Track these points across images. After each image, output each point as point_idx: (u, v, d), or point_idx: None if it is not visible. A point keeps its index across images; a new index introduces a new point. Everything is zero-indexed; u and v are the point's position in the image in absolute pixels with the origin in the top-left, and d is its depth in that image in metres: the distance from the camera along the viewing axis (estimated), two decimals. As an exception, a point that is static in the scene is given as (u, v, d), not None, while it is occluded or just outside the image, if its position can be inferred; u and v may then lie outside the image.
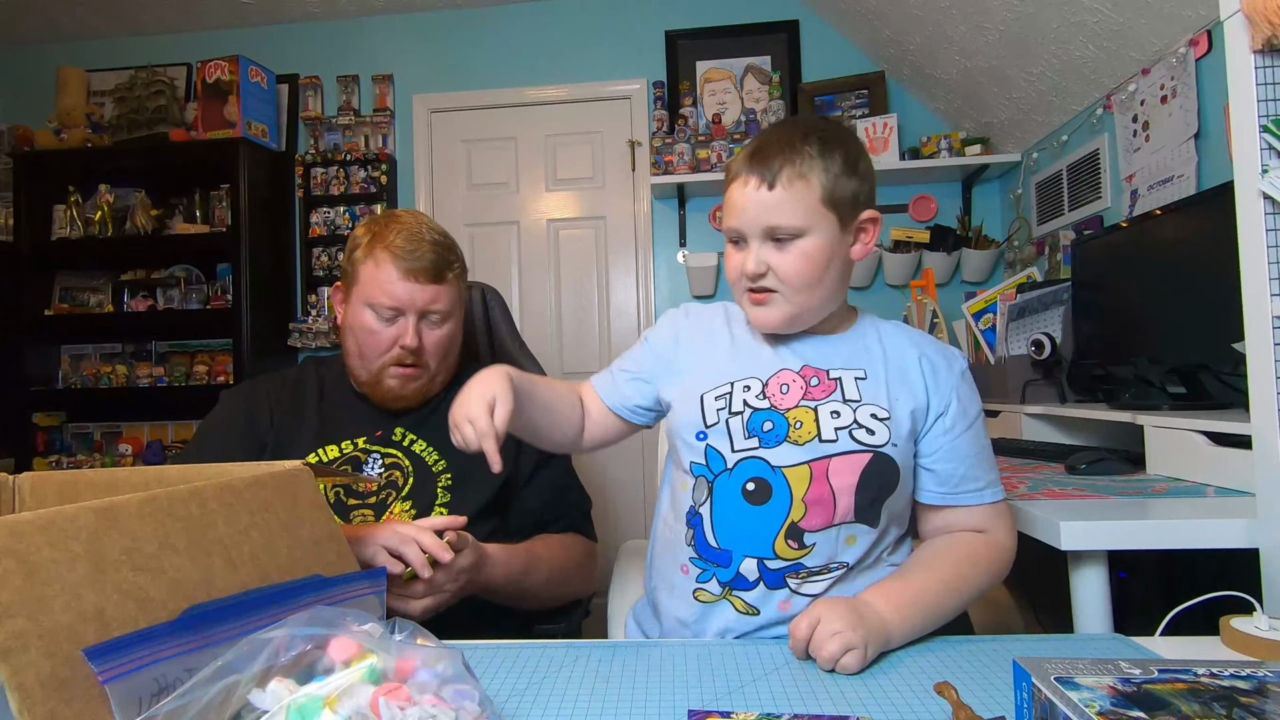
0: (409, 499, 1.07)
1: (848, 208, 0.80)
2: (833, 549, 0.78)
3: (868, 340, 0.85)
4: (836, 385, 0.81)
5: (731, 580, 0.79)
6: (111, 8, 2.86)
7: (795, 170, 0.78)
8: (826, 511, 0.77)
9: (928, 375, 0.82)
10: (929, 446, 0.82)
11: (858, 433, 0.78)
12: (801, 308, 0.82)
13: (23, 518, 0.46)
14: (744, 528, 0.78)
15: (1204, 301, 1.23)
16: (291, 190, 2.92)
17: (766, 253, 0.80)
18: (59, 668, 0.43)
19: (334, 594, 0.61)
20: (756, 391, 0.82)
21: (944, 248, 2.59)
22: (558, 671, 0.70)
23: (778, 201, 0.78)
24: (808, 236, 0.79)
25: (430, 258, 1.08)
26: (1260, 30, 0.74)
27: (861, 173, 0.81)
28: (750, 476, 0.79)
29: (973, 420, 0.83)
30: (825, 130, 0.81)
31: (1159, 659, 0.53)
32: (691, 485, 0.83)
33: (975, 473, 0.82)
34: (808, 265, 0.79)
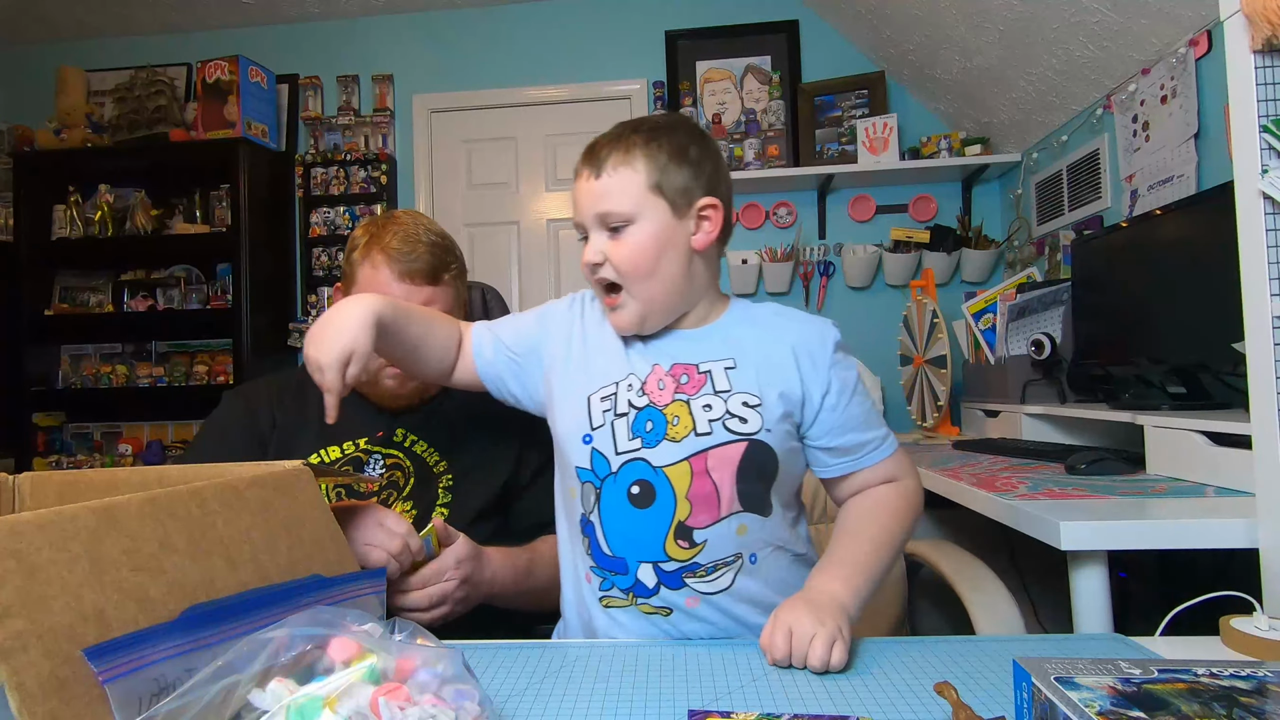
0: (410, 499, 1.07)
1: (679, 195, 0.80)
2: (725, 542, 0.78)
3: (737, 329, 0.85)
4: (707, 378, 0.81)
5: (632, 587, 0.79)
6: (111, 8, 2.86)
7: (621, 158, 0.79)
8: (711, 506, 0.77)
9: (802, 362, 0.82)
10: (820, 429, 0.82)
11: (730, 422, 0.77)
12: (648, 302, 0.81)
13: (23, 518, 0.46)
14: (633, 533, 0.78)
15: (1204, 301, 1.23)
16: (291, 190, 2.92)
17: (603, 242, 0.81)
18: (59, 668, 0.43)
19: (334, 594, 0.61)
20: (637, 389, 0.81)
21: (944, 248, 2.59)
22: (558, 671, 0.70)
23: (604, 189, 0.79)
24: (638, 223, 0.79)
25: (426, 260, 1.07)
26: (1260, 30, 0.74)
27: (693, 160, 0.81)
28: (634, 479, 0.78)
29: (854, 388, 0.83)
30: (658, 122, 0.83)
31: (1159, 659, 0.53)
32: (580, 492, 0.82)
33: (868, 435, 0.83)
34: (640, 253, 0.79)
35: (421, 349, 0.88)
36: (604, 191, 0.79)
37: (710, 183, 0.82)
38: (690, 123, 0.86)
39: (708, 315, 0.86)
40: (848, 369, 0.83)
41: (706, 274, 0.85)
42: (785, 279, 2.70)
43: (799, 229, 2.76)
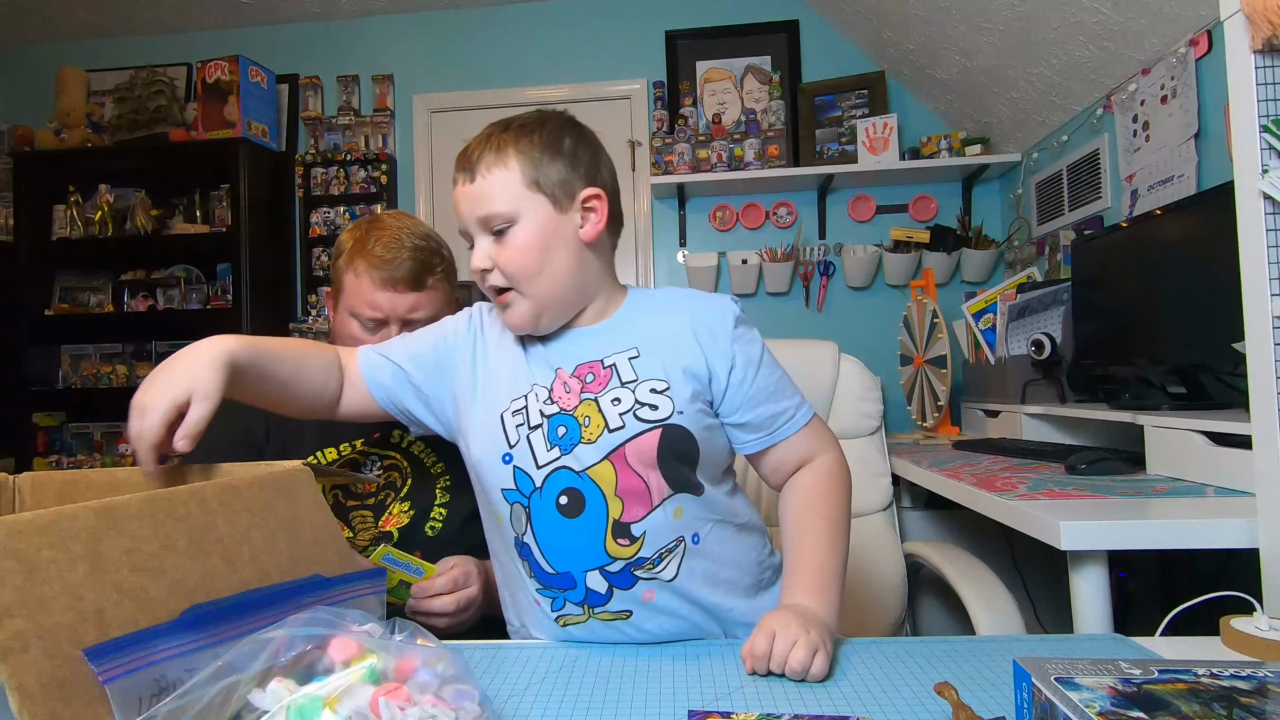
0: (407, 500, 1.07)
1: (559, 188, 0.79)
2: (664, 529, 0.76)
3: (637, 317, 0.84)
4: (612, 371, 0.79)
5: (585, 599, 0.76)
6: (111, 8, 2.86)
7: (494, 158, 0.78)
8: (642, 497, 0.76)
9: (703, 339, 0.80)
10: (730, 406, 0.81)
11: (641, 412, 0.76)
12: (541, 300, 0.79)
13: (23, 518, 0.46)
14: (571, 544, 0.76)
15: (1204, 301, 1.23)
16: (291, 190, 2.92)
17: (489, 247, 0.79)
18: (59, 668, 0.43)
19: (334, 594, 0.61)
20: (544, 398, 0.79)
21: (944, 248, 2.59)
22: (558, 671, 0.70)
23: (480, 192, 0.78)
24: (520, 223, 0.78)
25: (409, 266, 1.06)
26: (1260, 30, 0.74)
27: (568, 152, 0.79)
28: (560, 490, 0.76)
29: (759, 361, 0.82)
30: (528, 119, 0.81)
31: (1159, 659, 0.53)
32: (508, 514, 0.79)
33: (780, 406, 0.82)
34: (526, 252, 0.77)
35: (294, 386, 0.82)
36: (480, 194, 0.78)
37: (590, 173, 0.81)
38: (562, 115, 0.84)
39: (606, 309, 0.84)
40: (751, 342, 0.82)
41: (600, 266, 0.83)
42: (785, 279, 2.70)
43: (799, 229, 2.76)
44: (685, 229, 2.82)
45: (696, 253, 2.78)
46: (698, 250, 2.79)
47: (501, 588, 0.87)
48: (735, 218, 2.80)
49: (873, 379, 1.47)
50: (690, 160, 2.64)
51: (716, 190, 2.76)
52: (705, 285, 2.75)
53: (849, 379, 1.44)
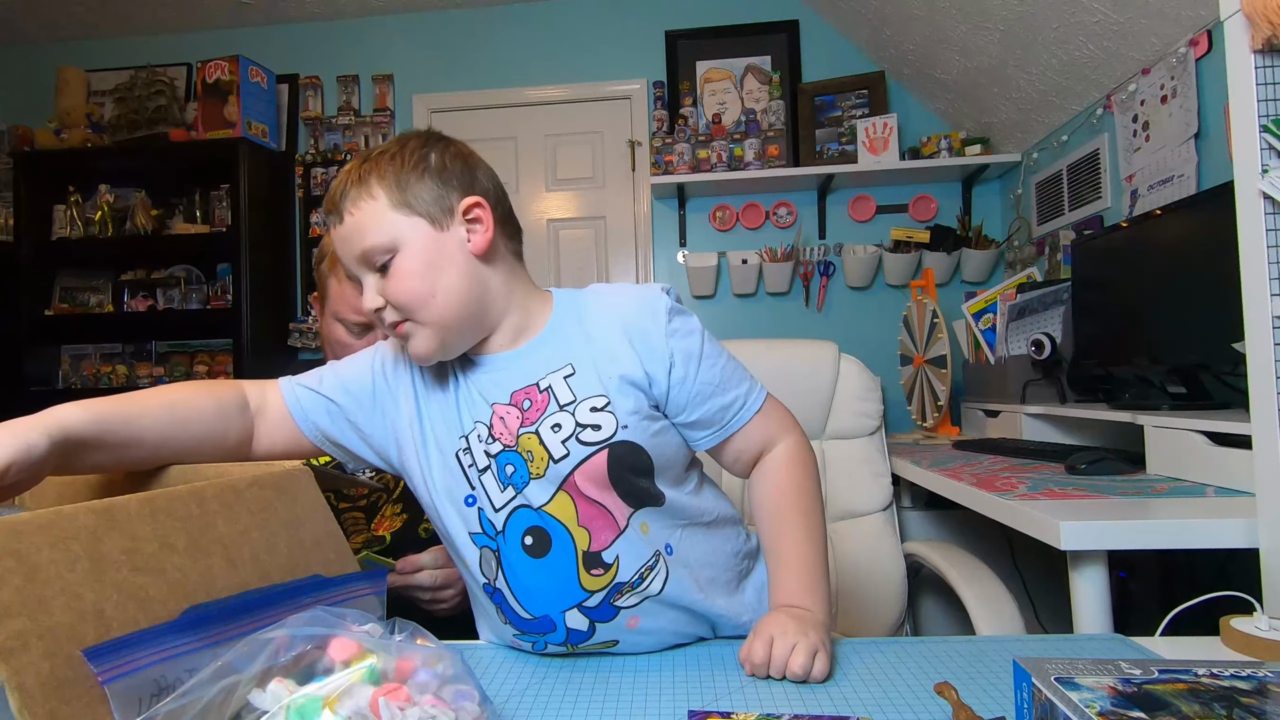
0: (400, 501, 1.07)
1: (433, 206, 0.73)
2: (637, 549, 0.73)
3: (566, 330, 0.78)
4: (549, 395, 0.74)
5: (566, 639, 0.74)
6: (111, 8, 2.86)
7: (357, 192, 0.73)
8: (606, 522, 0.72)
9: (637, 343, 0.75)
10: (676, 406, 0.77)
11: (584, 434, 0.72)
12: (441, 327, 0.73)
13: (22, 518, 0.46)
14: (545, 584, 0.72)
15: (1204, 301, 1.23)
16: (291, 190, 2.93)
17: (376, 284, 0.73)
18: (59, 667, 0.43)
19: (334, 594, 0.61)
20: (485, 436, 0.74)
21: (944, 248, 2.59)
22: (558, 672, 0.70)
23: (351, 229, 0.73)
24: (401, 251, 0.72)
25: None
26: (1260, 30, 0.74)
27: (435, 168, 0.75)
28: (523, 530, 0.72)
29: (699, 354, 0.77)
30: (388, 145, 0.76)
31: (1159, 659, 0.53)
32: (477, 559, 0.75)
33: (729, 397, 0.78)
34: (413, 280, 0.72)
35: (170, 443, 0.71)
36: (352, 231, 0.72)
37: (464, 183, 0.76)
38: (423, 133, 0.79)
39: (528, 325, 0.78)
40: (688, 335, 0.77)
41: (503, 278, 0.77)
42: (785, 279, 2.70)
43: (799, 229, 2.76)
44: (685, 229, 2.82)
45: (696, 253, 2.78)
46: (698, 250, 2.79)
47: (479, 624, 0.84)
48: (735, 218, 2.80)
49: (873, 379, 1.47)
50: (690, 160, 2.64)
51: (716, 190, 2.76)
52: (705, 285, 2.75)
53: (849, 379, 1.44)
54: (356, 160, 0.76)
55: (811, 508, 0.80)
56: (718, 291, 2.79)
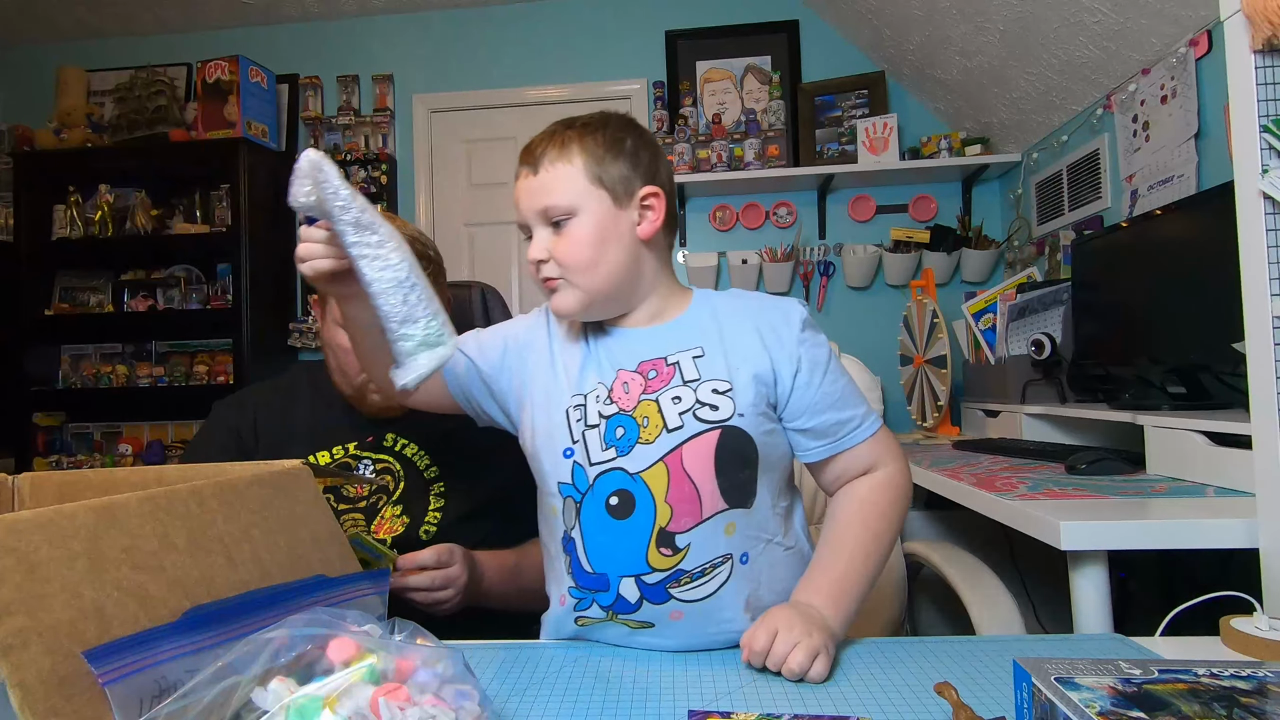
0: (400, 503, 1.07)
1: (619, 185, 0.79)
2: (711, 545, 0.75)
3: (701, 318, 0.83)
4: (675, 370, 0.78)
5: (613, 604, 0.76)
6: (111, 8, 2.86)
7: (558, 153, 0.79)
8: (693, 507, 0.74)
9: (769, 340, 0.80)
10: (794, 410, 0.79)
11: (701, 411, 0.75)
12: (591, 291, 0.79)
13: (22, 516, 0.46)
14: (614, 546, 0.75)
15: (1204, 301, 1.23)
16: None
17: (547, 239, 0.79)
18: (59, 665, 0.43)
19: (336, 594, 0.61)
20: (604, 398, 0.79)
21: (944, 248, 2.59)
22: (558, 671, 0.70)
23: (542, 184, 0.79)
24: (579, 216, 0.78)
25: None
26: (1260, 30, 0.74)
27: (629, 151, 0.80)
28: (612, 490, 0.76)
29: (826, 365, 0.80)
30: (591, 118, 0.82)
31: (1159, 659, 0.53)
32: (561, 507, 0.80)
33: (846, 414, 0.80)
34: (583, 245, 0.78)
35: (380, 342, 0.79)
36: (543, 187, 0.79)
37: (649, 172, 0.81)
38: (623, 116, 0.85)
39: (666, 309, 0.84)
40: (818, 346, 0.81)
41: (656, 265, 0.83)
42: (785, 279, 2.70)
43: (799, 229, 2.76)
44: (685, 229, 2.82)
45: (696, 252, 2.78)
46: (698, 250, 2.79)
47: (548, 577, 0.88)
48: (735, 218, 2.80)
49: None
50: (690, 160, 2.64)
51: (716, 190, 2.76)
52: (705, 285, 2.74)
53: (849, 379, 1.44)
54: (561, 124, 0.82)
55: (881, 531, 0.79)
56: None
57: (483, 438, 1.15)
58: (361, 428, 1.13)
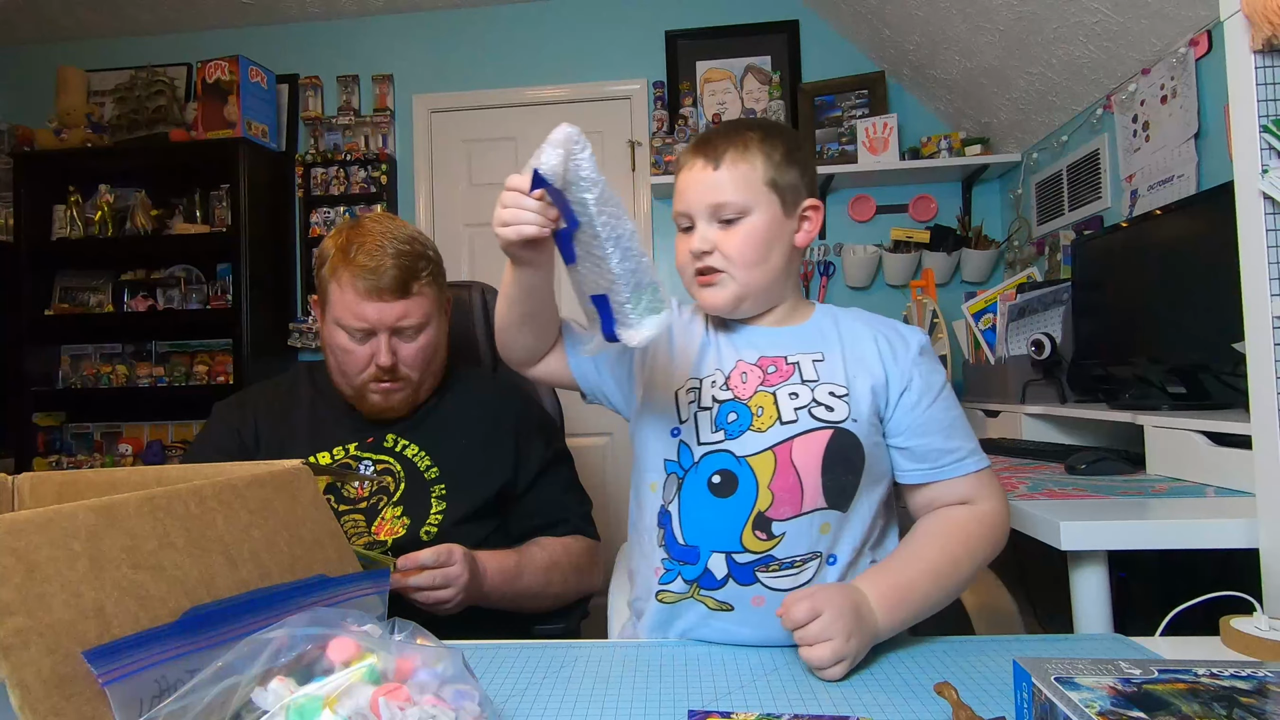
0: (400, 504, 1.07)
1: (790, 193, 0.83)
2: (805, 539, 0.76)
3: (823, 327, 0.87)
4: (795, 369, 0.82)
5: (699, 577, 0.78)
6: (111, 8, 2.86)
7: (739, 152, 0.82)
8: (794, 498, 0.76)
9: (885, 354, 0.83)
10: (898, 425, 0.82)
11: (817, 410, 0.78)
12: (747, 287, 0.83)
13: (22, 516, 0.46)
14: (711, 522, 0.78)
15: (1204, 301, 1.23)
16: (291, 190, 2.92)
17: (712, 232, 0.82)
18: (60, 665, 0.43)
19: (337, 594, 0.61)
20: (720, 384, 0.83)
21: (944, 248, 2.59)
22: (558, 671, 0.70)
23: (722, 180, 0.81)
24: (752, 215, 0.82)
25: (393, 274, 1.04)
26: (1260, 30, 0.74)
27: (801, 163, 0.84)
28: (715, 469, 0.79)
29: (938, 392, 0.82)
30: (768, 123, 0.87)
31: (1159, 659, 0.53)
32: (661, 484, 0.83)
33: (951, 444, 0.81)
34: (751, 243, 0.81)
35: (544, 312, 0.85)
36: (721, 183, 0.81)
37: (811, 185, 0.87)
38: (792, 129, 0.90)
39: (792, 314, 0.88)
40: (933, 372, 0.84)
41: (795, 274, 0.89)
42: (785, 279, 2.70)
43: (799, 229, 2.75)
44: (685, 229, 2.82)
45: (696, 253, 2.78)
46: (698, 250, 2.79)
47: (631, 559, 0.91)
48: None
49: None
50: (690, 160, 2.64)
51: (716, 190, 2.75)
52: (705, 285, 2.74)
53: (849, 379, 1.44)
54: (738, 124, 0.86)
55: (960, 558, 0.78)
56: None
57: (483, 439, 1.15)
58: (362, 428, 1.13)
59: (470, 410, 1.18)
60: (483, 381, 1.27)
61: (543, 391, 1.43)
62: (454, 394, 1.20)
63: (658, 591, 0.81)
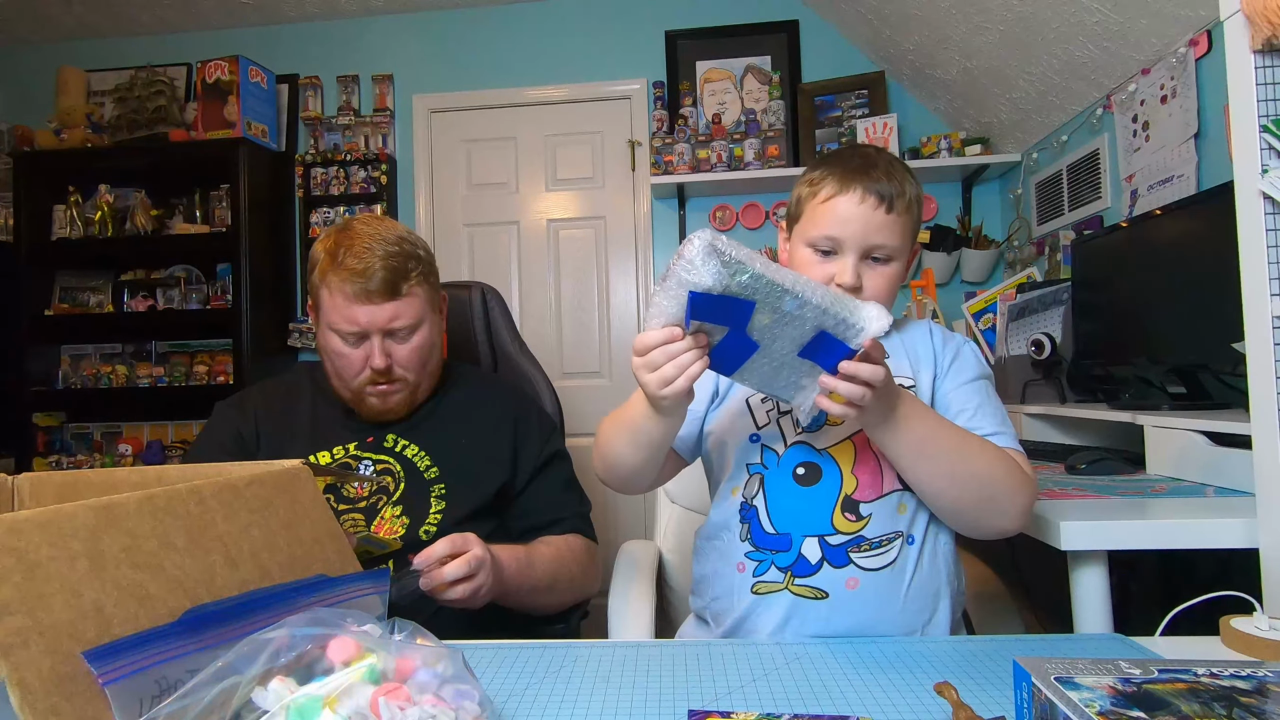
0: (400, 504, 1.07)
1: (913, 237, 0.88)
2: (889, 519, 0.80)
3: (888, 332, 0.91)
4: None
5: (792, 564, 0.80)
6: (111, 8, 2.86)
7: (906, 200, 0.84)
8: (876, 479, 0.80)
9: (936, 345, 0.89)
10: (938, 404, 0.86)
11: None
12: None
13: (21, 515, 0.46)
14: (800, 509, 0.81)
15: (1204, 301, 1.23)
16: (291, 190, 2.92)
17: (862, 268, 0.84)
18: (59, 664, 0.43)
19: (338, 593, 0.61)
20: None
21: (944, 248, 2.59)
22: (558, 671, 0.70)
23: (889, 224, 0.83)
24: (897, 260, 0.85)
25: (381, 276, 1.04)
26: (1260, 30, 0.74)
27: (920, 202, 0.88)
28: (798, 462, 0.82)
29: (973, 377, 0.87)
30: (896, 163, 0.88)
31: (1159, 659, 0.53)
32: (744, 482, 0.85)
33: (979, 421, 0.84)
34: (892, 286, 0.85)
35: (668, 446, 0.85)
36: (889, 225, 0.83)
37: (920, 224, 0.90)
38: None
39: None
40: (973, 363, 0.88)
41: None
42: (785, 279, 2.70)
43: (799, 229, 2.75)
44: (685, 229, 2.82)
45: (696, 253, 2.77)
46: (698, 250, 2.79)
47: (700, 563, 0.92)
48: (735, 218, 2.80)
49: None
50: (690, 160, 2.64)
51: (716, 190, 2.76)
52: (705, 285, 2.74)
53: (849, 379, 1.44)
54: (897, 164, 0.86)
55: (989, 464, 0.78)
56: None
57: (482, 438, 1.15)
58: (362, 428, 1.13)
59: (469, 410, 1.18)
60: (481, 380, 1.27)
61: (543, 391, 1.43)
62: (453, 394, 1.20)
63: (752, 584, 0.82)
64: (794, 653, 0.72)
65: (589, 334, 2.87)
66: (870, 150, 0.88)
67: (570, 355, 2.86)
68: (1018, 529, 0.81)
